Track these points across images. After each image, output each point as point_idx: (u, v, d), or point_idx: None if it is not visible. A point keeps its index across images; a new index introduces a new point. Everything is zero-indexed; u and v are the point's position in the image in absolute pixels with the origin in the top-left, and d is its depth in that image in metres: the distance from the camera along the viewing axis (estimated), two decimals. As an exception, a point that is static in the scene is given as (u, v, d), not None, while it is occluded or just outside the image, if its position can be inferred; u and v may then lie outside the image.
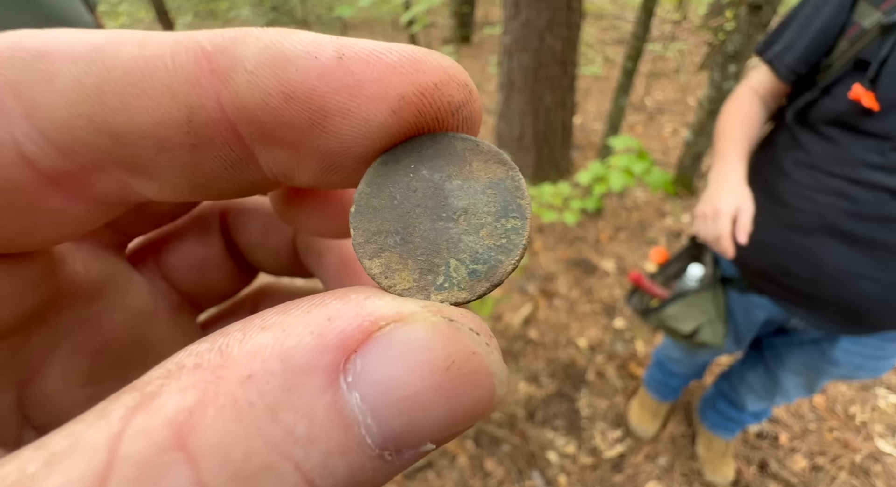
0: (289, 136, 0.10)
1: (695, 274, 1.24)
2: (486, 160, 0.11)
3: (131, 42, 0.09)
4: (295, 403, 0.07)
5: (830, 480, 1.55)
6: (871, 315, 0.93)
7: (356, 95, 0.09)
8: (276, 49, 0.09)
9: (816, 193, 0.92)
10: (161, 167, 0.10)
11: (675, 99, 4.55)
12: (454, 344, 0.08)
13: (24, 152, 0.09)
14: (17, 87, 0.09)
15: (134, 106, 0.09)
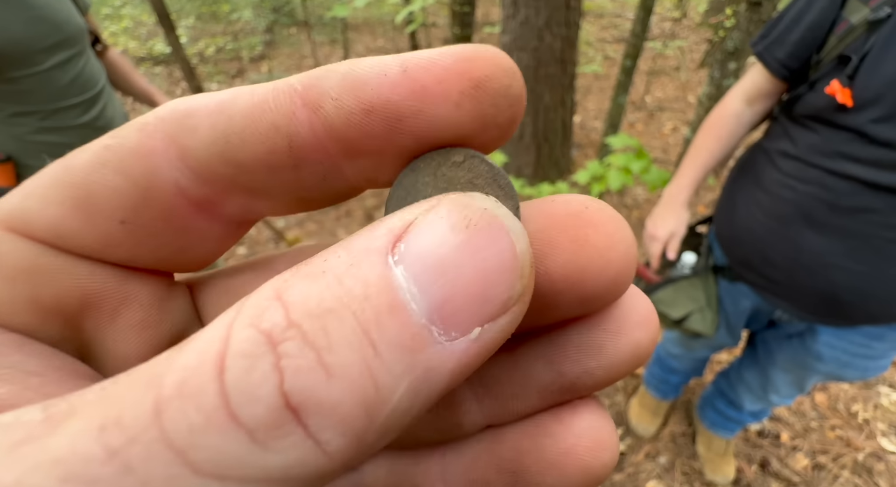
0: (371, 144, 0.12)
1: (688, 261, 1.25)
2: (494, 184, 0.13)
3: (245, 93, 0.12)
4: (354, 273, 0.09)
5: (833, 479, 1.54)
6: (845, 305, 0.94)
7: (423, 97, 0.12)
8: (353, 76, 0.12)
9: (797, 182, 0.93)
10: (272, 186, 0.13)
11: (675, 97, 4.54)
12: (469, 207, 0.10)
13: (178, 184, 0.13)
14: (174, 138, 0.12)
15: (249, 141, 0.12)
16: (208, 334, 0.09)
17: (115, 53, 1.50)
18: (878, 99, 0.79)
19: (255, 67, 5.92)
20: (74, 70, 1.21)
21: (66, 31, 1.17)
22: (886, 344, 1.01)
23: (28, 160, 1.24)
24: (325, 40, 6.79)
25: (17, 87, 1.12)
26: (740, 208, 1.06)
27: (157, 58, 6.01)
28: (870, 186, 0.83)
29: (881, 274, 0.88)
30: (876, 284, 0.89)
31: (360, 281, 0.09)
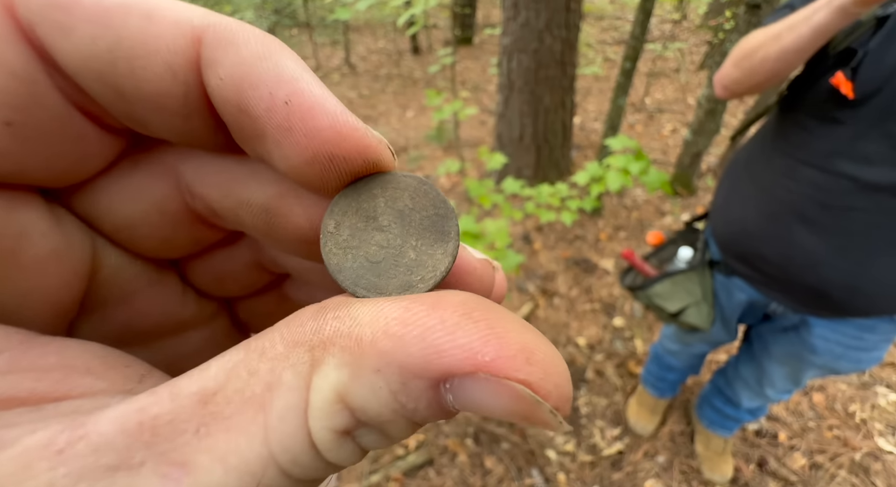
0: (235, 129, 0.12)
1: (684, 256, 1.27)
2: (416, 191, 0.14)
3: (138, 14, 0.11)
4: (408, 392, 0.11)
5: (830, 478, 1.55)
6: (835, 300, 0.95)
7: (287, 135, 0.12)
8: (245, 69, 0.11)
9: (790, 180, 0.94)
10: (156, 124, 0.12)
11: (674, 98, 4.56)
12: (532, 413, 0.11)
13: (33, 85, 0.11)
14: (34, 27, 0.10)
15: (139, 75, 0.11)
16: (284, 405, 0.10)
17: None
18: (877, 92, 0.80)
19: (256, 68, 5.94)
20: None
21: None
22: (879, 336, 1.03)
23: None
24: (326, 41, 6.81)
25: None
26: (735, 204, 1.08)
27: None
28: (861, 185, 0.85)
29: (869, 271, 0.89)
30: (864, 280, 0.91)
31: (412, 399, 0.11)
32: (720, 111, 2.59)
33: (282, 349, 0.11)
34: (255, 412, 0.10)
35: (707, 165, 3.23)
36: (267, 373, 0.11)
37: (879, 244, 0.87)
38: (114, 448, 0.09)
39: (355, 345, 0.11)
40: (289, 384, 0.10)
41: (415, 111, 4.67)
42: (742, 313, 1.23)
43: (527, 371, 0.10)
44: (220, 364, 0.11)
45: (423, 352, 0.10)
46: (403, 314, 0.11)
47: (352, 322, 0.11)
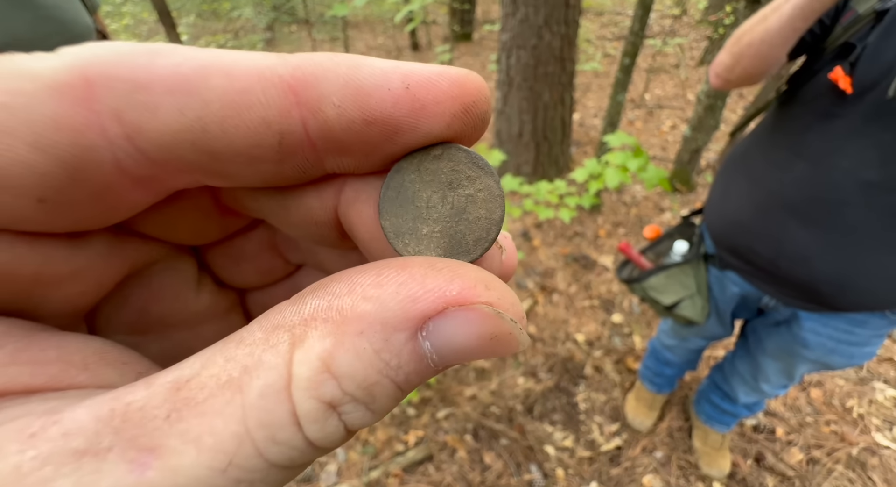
0: (362, 148, 0.13)
1: (680, 249, 1.28)
2: (473, 165, 0.14)
3: (218, 74, 0.11)
4: (390, 348, 0.11)
5: (827, 473, 1.56)
6: (825, 295, 0.96)
7: (422, 115, 0.12)
8: (356, 85, 0.12)
9: (785, 174, 0.95)
10: (246, 175, 0.13)
11: (674, 94, 4.55)
12: (498, 327, 0.12)
13: (120, 165, 0.11)
14: (119, 114, 0.10)
15: (233, 133, 0.11)
16: (264, 383, 0.11)
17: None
18: (874, 87, 0.80)
19: (255, 65, 5.93)
20: None
21: (73, 30, 1.17)
22: (870, 331, 1.03)
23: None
24: (325, 38, 6.79)
25: None
26: (730, 198, 1.09)
27: (159, 56, 6.01)
28: (855, 180, 0.85)
29: (860, 267, 0.90)
30: (854, 276, 0.91)
31: (394, 355, 0.11)
32: (720, 107, 2.59)
33: (260, 335, 0.11)
34: (231, 394, 0.10)
35: (706, 161, 3.23)
36: (245, 357, 0.11)
37: (871, 240, 0.88)
38: (84, 433, 0.09)
39: (337, 314, 0.11)
40: (269, 364, 0.11)
41: (414, 108, 4.65)
42: (736, 306, 1.24)
43: (487, 295, 0.12)
44: (199, 355, 0.11)
45: (400, 304, 0.11)
46: (377, 279, 0.12)
47: (331, 297, 0.12)
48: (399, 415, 1.76)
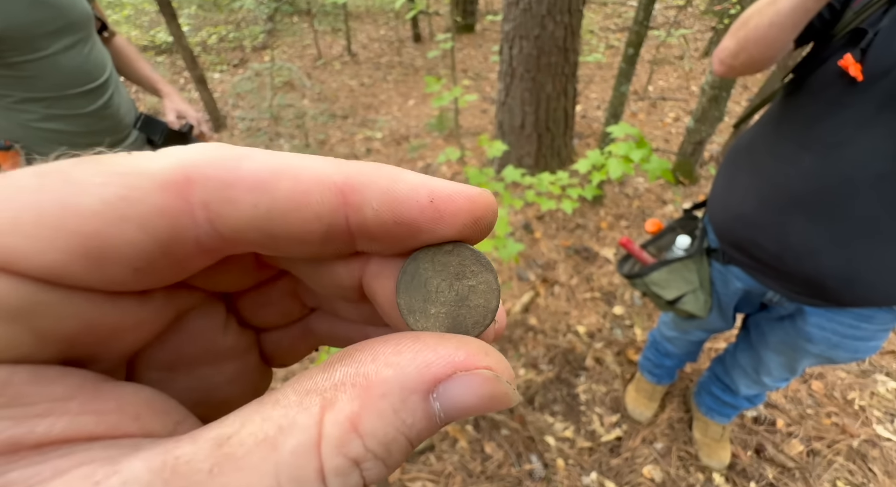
0: (389, 240, 0.16)
1: (682, 243, 1.26)
2: (477, 262, 0.17)
3: (287, 177, 0.14)
4: (406, 408, 0.13)
5: (827, 465, 1.57)
6: (832, 290, 0.94)
7: (440, 222, 0.15)
8: (392, 195, 0.15)
9: (791, 166, 0.92)
10: (292, 251, 0.15)
11: (678, 86, 4.51)
12: (496, 388, 0.14)
13: (199, 241, 0.14)
14: (207, 205, 0.13)
15: (291, 223, 0.14)
16: (297, 442, 0.12)
17: (122, 41, 1.50)
18: (885, 74, 0.78)
19: (257, 56, 5.90)
20: (80, 56, 1.22)
21: (70, 16, 1.17)
22: (876, 325, 1.01)
23: (35, 147, 1.25)
24: (327, 29, 6.75)
25: (21, 72, 1.13)
26: (734, 192, 1.07)
27: (160, 47, 5.99)
28: (863, 172, 0.83)
29: (867, 262, 0.88)
30: (861, 270, 0.89)
31: (410, 414, 0.13)
32: (724, 98, 2.56)
33: (294, 398, 0.13)
34: (267, 452, 0.12)
35: (710, 153, 3.21)
36: (280, 418, 0.12)
37: (881, 234, 0.85)
38: (139, 483, 0.11)
39: (363, 380, 0.13)
40: (302, 424, 0.12)
41: (416, 100, 4.63)
42: (739, 301, 1.23)
43: (487, 361, 0.14)
44: (237, 414, 0.13)
45: (417, 369, 0.13)
46: (396, 348, 0.14)
47: (357, 364, 0.14)
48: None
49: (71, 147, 1.29)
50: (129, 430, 0.13)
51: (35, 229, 0.11)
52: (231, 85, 4.80)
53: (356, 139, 3.88)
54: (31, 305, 0.12)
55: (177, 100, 1.56)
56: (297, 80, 4.91)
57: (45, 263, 0.11)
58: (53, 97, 1.20)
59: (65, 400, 0.12)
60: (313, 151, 3.57)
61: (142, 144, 1.47)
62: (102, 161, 0.13)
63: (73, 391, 0.13)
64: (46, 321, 0.12)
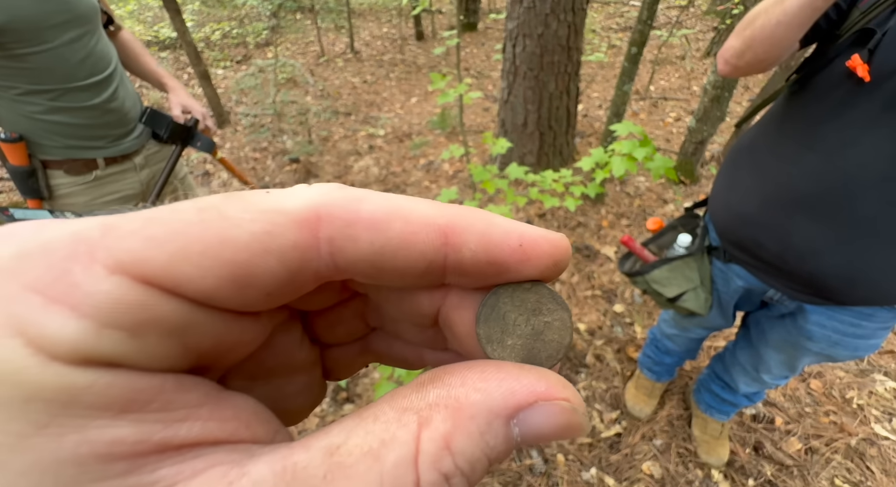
0: (479, 276, 0.17)
1: (683, 242, 1.27)
2: (553, 300, 0.19)
3: (399, 218, 0.15)
4: (491, 430, 0.14)
5: (825, 463, 1.58)
6: (834, 289, 0.95)
7: (526, 264, 0.17)
8: (488, 239, 0.16)
9: (794, 166, 0.92)
10: (393, 281, 0.17)
11: (679, 86, 4.52)
12: (572, 419, 0.15)
13: (317, 271, 0.15)
14: (331, 240, 0.15)
15: (399, 259, 0.16)
16: (398, 455, 0.13)
17: (128, 35, 1.51)
18: (892, 75, 0.78)
19: (260, 52, 5.90)
20: (85, 49, 1.23)
21: (76, 9, 1.18)
22: (876, 324, 1.02)
23: (40, 139, 1.26)
24: (330, 26, 6.75)
25: (26, 64, 1.14)
26: (735, 191, 1.07)
27: (164, 42, 5.99)
28: (867, 173, 0.83)
29: (869, 261, 0.88)
30: (862, 269, 0.89)
31: (493, 436, 0.14)
32: (726, 98, 2.57)
33: (393, 415, 0.14)
34: (371, 462, 0.13)
35: (711, 153, 3.22)
36: (382, 432, 0.14)
37: (883, 234, 0.86)
38: (266, 484, 0.12)
39: (455, 402, 0.14)
40: (401, 439, 0.13)
41: (418, 98, 4.64)
42: (739, 299, 1.23)
43: (564, 393, 0.15)
44: (341, 426, 0.14)
45: (502, 395, 0.15)
46: (482, 374, 0.15)
47: (448, 387, 0.15)
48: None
49: (76, 140, 1.30)
50: (243, 436, 0.14)
51: (199, 258, 0.13)
52: (234, 81, 4.81)
53: (359, 136, 3.89)
54: (186, 323, 0.13)
55: (182, 95, 1.57)
56: (300, 76, 4.91)
57: (204, 287, 0.13)
58: (58, 90, 1.21)
59: (198, 407, 0.14)
60: (316, 148, 3.58)
61: (146, 138, 1.48)
62: (247, 199, 0.14)
63: (203, 399, 0.14)
64: (193, 337, 0.14)
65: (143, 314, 0.12)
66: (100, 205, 1.41)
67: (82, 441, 0.11)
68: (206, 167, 3.44)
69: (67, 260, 0.12)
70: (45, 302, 0.11)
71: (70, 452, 0.11)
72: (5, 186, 3.03)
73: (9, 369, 0.11)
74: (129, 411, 0.12)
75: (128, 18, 6.58)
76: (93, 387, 0.11)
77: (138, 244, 0.12)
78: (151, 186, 1.52)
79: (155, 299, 0.12)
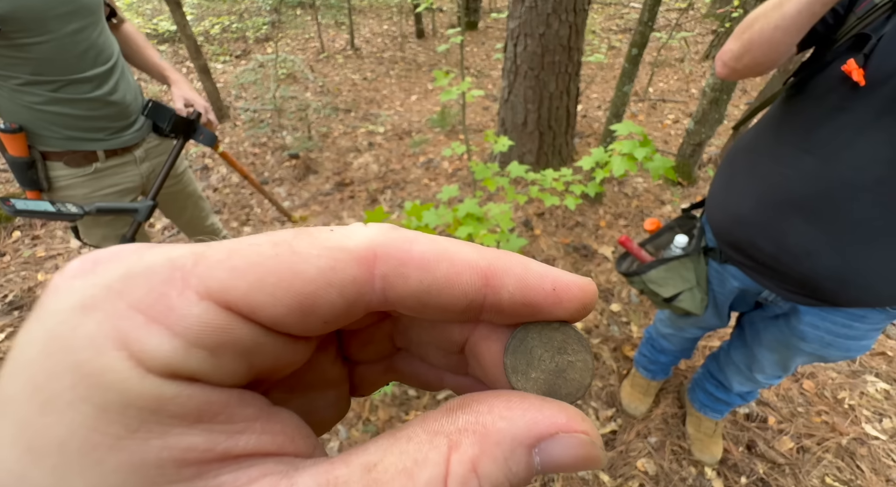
0: (514, 315, 0.18)
1: (680, 242, 1.28)
2: (579, 342, 0.20)
3: (445, 260, 0.17)
4: (514, 457, 0.15)
5: (816, 461, 1.60)
6: (827, 291, 0.96)
7: (557, 306, 0.18)
8: (525, 283, 0.17)
9: (790, 169, 0.93)
10: (435, 316, 0.18)
11: (678, 88, 4.54)
12: (590, 451, 0.16)
13: (369, 303, 0.16)
14: (385, 277, 0.16)
15: (443, 296, 0.17)
16: (430, 475, 0.14)
17: (130, 27, 1.51)
18: (888, 80, 0.78)
19: (260, 47, 5.89)
20: (87, 41, 1.22)
21: (80, 0, 1.18)
22: (868, 325, 1.03)
23: (40, 130, 1.25)
24: (330, 22, 6.74)
25: (28, 54, 1.13)
26: (732, 192, 1.08)
27: (163, 36, 5.96)
28: (862, 176, 0.84)
29: (861, 263, 0.89)
30: (856, 272, 0.90)
31: (516, 463, 0.15)
32: (725, 101, 2.59)
33: (424, 437, 0.15)
34: (405, 480, 0.14)
35: (708, 155, 3.24)
36: (414, 452, 0.15)
37: (876, 237, 0.87)
38: None
39: (482, 428, 0.15)
40: (433, 460, 0.14)
41: (418, 95, 4.64)
42: (734, 300, 1.24)
43: (583, 426, 0.16)
44: (377, 445, 0.15)
45: (526, 424, 0.15)
46: (507, 403, 0.16)
47: (477, 415, 0.16)
48: (400, 396, 1.78)
49: (76, 131, 1.30)
50: (289, 450, 0.16)
51: (273, 288, 0.14)
52: (234, 76, 4.80)
53: (358, 133, 3.89)
54: (256, 345, 0.15)
55: (185, 87, 1.57)
56: (300, 72, 4.90)
57: (274, 314, 0.15)
58: (60, 81, 1.21)
59: (254, 421, 0.15)
60: (315, 144, 3.58)
61: (147, 131, 1.48)
62: (315, 235, 0.16)
63: (258, 413, 0.15)
64: (258, 357, 0.15)
65: (223, 337, 0.14)
66: (99, 197, 1.41)
67: (164, 446, 0.12)
68: (206, 162, 3.43)
69: (165, 284, 0.13)
70: (146, 321, 0.13)
71: (154, 455, 0.12)
72: (4, 177, 3.02)
73: (114, 378, 0.12)
74: (201, 421, 0.13)
75: (127, 10, 6.54)
76: (177, 398, 0.13)
77: (224, 274, 0.14)
78: (152, 179, 1.52)
79: (235, 323, 0.14)
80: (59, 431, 0.12)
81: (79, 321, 0.12)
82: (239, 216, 2.91)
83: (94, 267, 0.14)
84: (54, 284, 0.14)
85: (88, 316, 0.12)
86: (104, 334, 0.12)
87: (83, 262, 0.14)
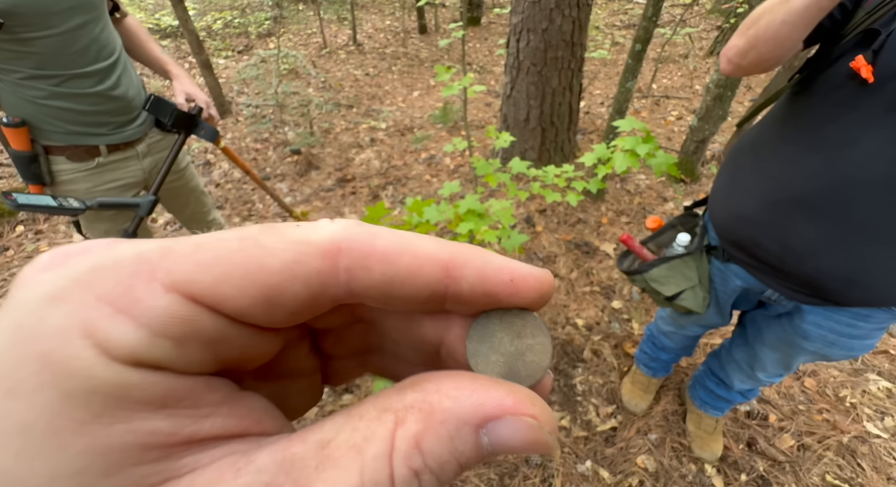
0: (475, 304, 0.19)
1: (682, 240, 1.27)
2: (537, 327, 0.20)
3: (406, 252, 0.17)
4: (460, 436, 0.15)
5: (817, 459, 1.60)
6: (831, 290, 0.95)
7: (516, 296, 0.19)
8: (484, 274, 0.18)
9: (795, 167, 0.92)
10: (398, 306, 0.19)
11: (681, 85, 4.52)
12: (537, 436, 0.16)
13: (334, 296, 0.17)
14: (349, 270, 0.16)
15: (406, 288, 0.17)
16: (376, 450, 0.14)
17: (133, 22, 1.50)
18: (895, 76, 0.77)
19: (262, 42, 5.87)
20: (90, 36, 1.22)
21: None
22: (872, 324, 1.02)
23: (42, 125, 1.26)
24: (332, 18, 6.72)
25: (31, 48, 1.13)
26: (735, 190, 1.07)
27: (165, 31, 5.95)
28: (868, 174, 0.83)
29: (866, 262, 0.88)
30: (861, 271, 0.89)
31: (462, 443, 0.15)
32: (729, 97, 2.58)
33: (375, 414, 0.16)
34: (355, 456, 0.14)
35: (712, 152, 3.23)
36: (365, 429, 0.15)
37: (882, 236, 0.86)
38: (268, 472, 0.14)
39: (428, 406, 0.16)
40: (380, 436, 0.15)
41: (420, 91, 4.63)
42: (737, 298, 1.24)
43: (532, 410, 0.16)
44: (333, 422, 0.16)
45: (472, 405, 0.16)
46: (456, 384, 0.16)
47: (424, 393, 0.16)
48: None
49: (78, 126, 1.30)
50: (254, 431, 0.16)
51: (239, 281, 0.15)
52: (236, 71, 4.79)
53: (360, 129, 3.88)
54: (221, 335, 0.15)
55: (186, 82, 1.57)
56: (302, 68, 4.89)
57: (239, 306, 0.15)
58: (62, 75, 1.21)
59: (219, 405, 0.16)
60: (317, 140, 3.58)
61: (150, 126, 1.48)
62: (281, 230, 0.16)
63: (223, 398, 0.16)
64: (224, 347, 0.16)
65: (188, 327, 0.14)
66: (102, 192, 1.41)
67: (128, 430, 0.13)
68: (208, 157, 3.44)
69: (133, 277, 0.14)
70: (112, 312, 0.13)
71: (118, 439, 0.13)
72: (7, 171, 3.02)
73: (79, 365, 0.12)
74: (166, 407, 0.14)
75: (129, 5, 6.53)
76: (141, 385, 0.13)
77: (190, 267, 0.14)
78: (154, 174, 1.52)
79: (199, 314, 0.14)
80: (23, 415, 0.12)
81: (46, 311, 0.13)
82: (241, 212, 2.91)
83: (64, 260, 0.14)
84: (24, 276, 0.14)
85: (56, 307, 0.13)
86: (71, 324, 0.13)
87: (53, 255, 0.14)
